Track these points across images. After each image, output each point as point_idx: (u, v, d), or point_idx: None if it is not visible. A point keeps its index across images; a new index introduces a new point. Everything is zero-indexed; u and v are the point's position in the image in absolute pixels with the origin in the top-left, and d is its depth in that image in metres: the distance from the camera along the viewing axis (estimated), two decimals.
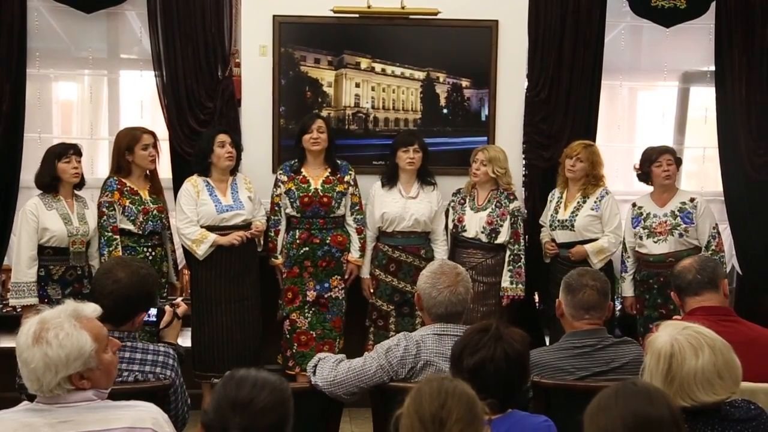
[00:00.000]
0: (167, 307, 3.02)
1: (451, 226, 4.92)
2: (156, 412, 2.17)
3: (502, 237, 4.82)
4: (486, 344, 2.35)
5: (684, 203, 4.76)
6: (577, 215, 4.78)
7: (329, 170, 4.83)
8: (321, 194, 4.76)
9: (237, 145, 4.75)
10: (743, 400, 2.35)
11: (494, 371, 2.32)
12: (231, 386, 1.91)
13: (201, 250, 4.60)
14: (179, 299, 3.24)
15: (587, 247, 4.76)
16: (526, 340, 2.43)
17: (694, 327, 2.28)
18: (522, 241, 4.89)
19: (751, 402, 2.37)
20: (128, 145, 4.54)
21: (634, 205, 4.92)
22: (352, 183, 4.87)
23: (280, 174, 4.85)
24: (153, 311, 2.98)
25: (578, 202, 4.81)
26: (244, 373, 1.95)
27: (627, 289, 4.89)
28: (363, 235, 4.87)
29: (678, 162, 4.86)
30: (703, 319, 3.03)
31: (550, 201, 4.94)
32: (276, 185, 4.84)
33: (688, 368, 2.17)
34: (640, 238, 4.80)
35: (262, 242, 4.84)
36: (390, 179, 4.87)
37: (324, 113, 4.99)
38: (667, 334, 2.25)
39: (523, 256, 4.86)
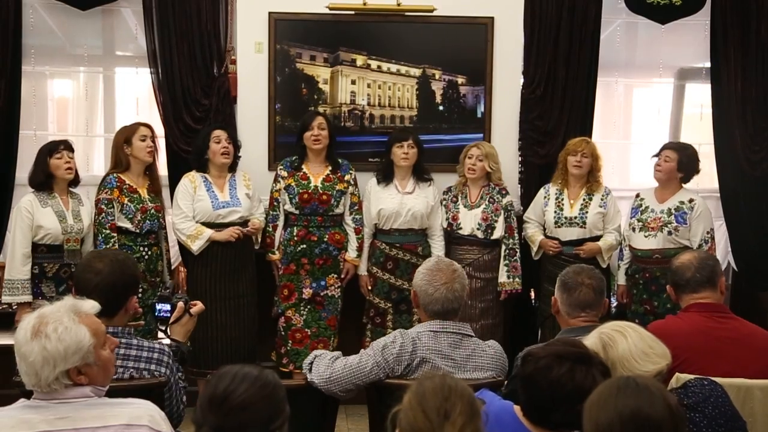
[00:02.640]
0: (180, 304, 2.97)
1: (445, 224, 4.92)
2: (153, 410, 2.18)
3: (498, 232, 4.84)
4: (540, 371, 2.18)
5: (682, 203, 4.75)
6: (587, 212, 4.79)
7: (330, 168, 4.83)
8: (320, 192, 4.76)
9: (234, 141, 4.75)
10: (696, 378, 2.40)
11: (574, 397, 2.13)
12: (212, 382, 1.92)
13: (196, 246, 4.60)
14: (178, 294, 3.16)
15: (601, 243, 4.79)
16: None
17: (604, 325, 2.47)
18: (516, 235, 4.90)
19: (704, 378, 2.42)
20: (126, 137, 4.55)
21: (637, 195, 4.93)
22: (352, 182, 4.87)
23: (280, 170, 4.84)
24: (167, 306, 2.95)
25: (584, 200, 4.82)
26: (227, 368, 1.94)
27: (621, 277, 4.93)
28: (361, 235, 4.86)
29: (683, 160, 4.72)
30: (697, 315, 3.05)
31: (545, 198, 4.93)
32: (276, 180, 4.84)
33: (622, 348, 2.35)
34: (633, 229, 4.82)
35: (259, 239, 4.84)
36: (386, 176, 4.87)
37: (320, 110, 4.98)
38: (591, 336, 2.43)
39: (518, 250, 4.88)
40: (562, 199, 4.87)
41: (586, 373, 2.14)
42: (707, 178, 5.55)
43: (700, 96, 5.57)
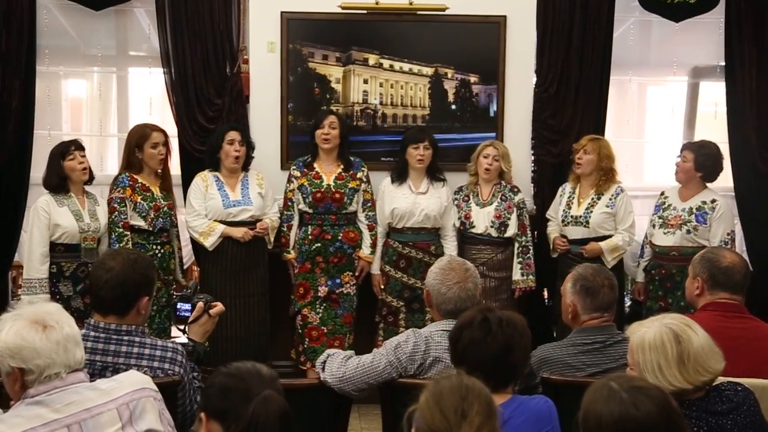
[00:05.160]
0: (200, 304, 2.96)
1: (458, 223, 4.91)
2: (145, 377, 2.31)
3: (511, 230, 4.83)
4: (480, 325, 2.40)
5: (704, 203, 4.71)
6: (591, 212, 4.77)
7: (342, 167, 4.84)
8: (333, 190, 4.77)
9: (248, 142, 4.76)
10: (729, 383, 2.37)
11: (487, 351, 2.36)
12: (231, 370, 1.98)
13: (209, 242, 4.63)
14: (199, 295, 3.13)
15: (602, 244, 4.75)
16: (524, 322, 2.46)
17: (664, 316, 2.36)
18: (529, 232, 4.91)
19: (738, 384, 2.39)
20: (138, 142, 4.56)
21: (662, 193, 4.91)
22: (364, 180, 4.87)
23: (293, 170, 4.85)
24: (187, 306, 2.95)
25: (592, 199, 4.79)
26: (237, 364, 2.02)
27: (640, 274, 4.91)
28: (374, 231, 4.87)
29: (700, 159, 4.68)
30: (714, 314, 3.03)
31: (561, 195, 4.93)
32: (289, 181, 4.86)
33: (697, 343, 2.26)
34: (654, 226, 4.80)
35: (272, 239, 4.85)
36: (400, 175, 4.87)
37: (333, 109, 4.98)
38: (652, 327, 2.30)
39: (531, 248, 4.88)
40: (573, 198, 4.86)
41: (499, 321, 2.41)
42: (722, 176, 5.50)
43: (714, 94, 5.54)
